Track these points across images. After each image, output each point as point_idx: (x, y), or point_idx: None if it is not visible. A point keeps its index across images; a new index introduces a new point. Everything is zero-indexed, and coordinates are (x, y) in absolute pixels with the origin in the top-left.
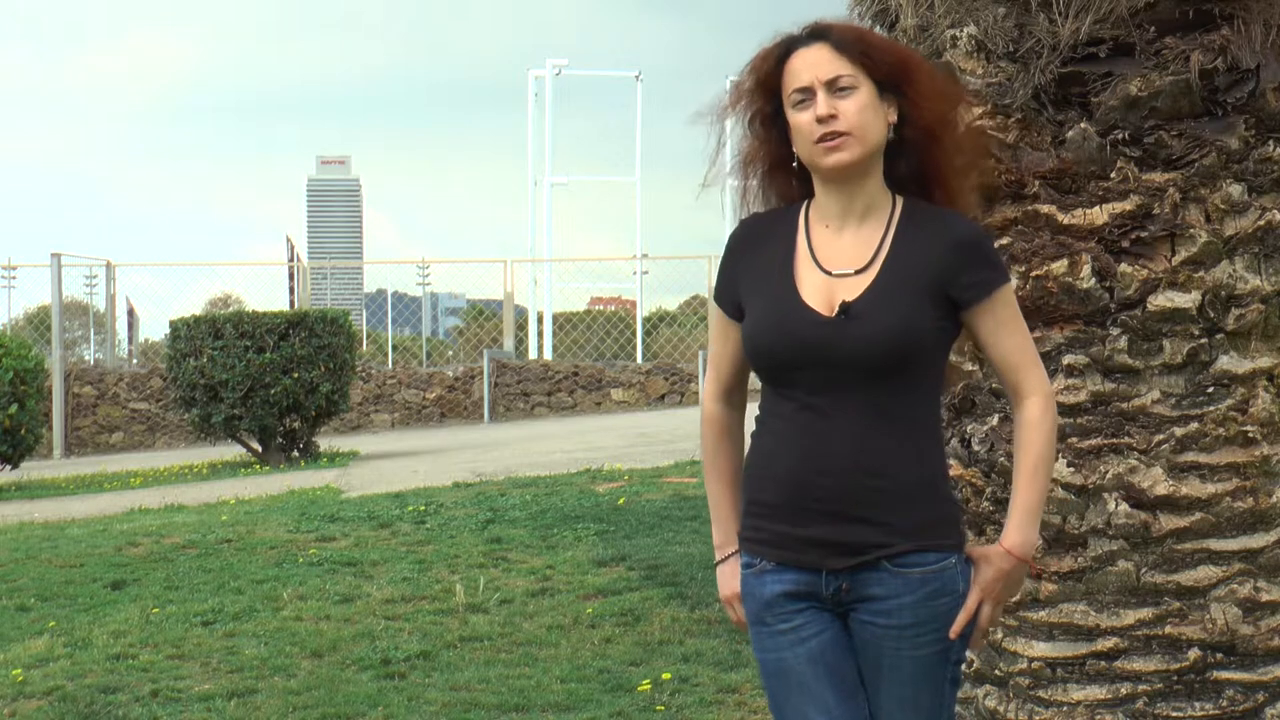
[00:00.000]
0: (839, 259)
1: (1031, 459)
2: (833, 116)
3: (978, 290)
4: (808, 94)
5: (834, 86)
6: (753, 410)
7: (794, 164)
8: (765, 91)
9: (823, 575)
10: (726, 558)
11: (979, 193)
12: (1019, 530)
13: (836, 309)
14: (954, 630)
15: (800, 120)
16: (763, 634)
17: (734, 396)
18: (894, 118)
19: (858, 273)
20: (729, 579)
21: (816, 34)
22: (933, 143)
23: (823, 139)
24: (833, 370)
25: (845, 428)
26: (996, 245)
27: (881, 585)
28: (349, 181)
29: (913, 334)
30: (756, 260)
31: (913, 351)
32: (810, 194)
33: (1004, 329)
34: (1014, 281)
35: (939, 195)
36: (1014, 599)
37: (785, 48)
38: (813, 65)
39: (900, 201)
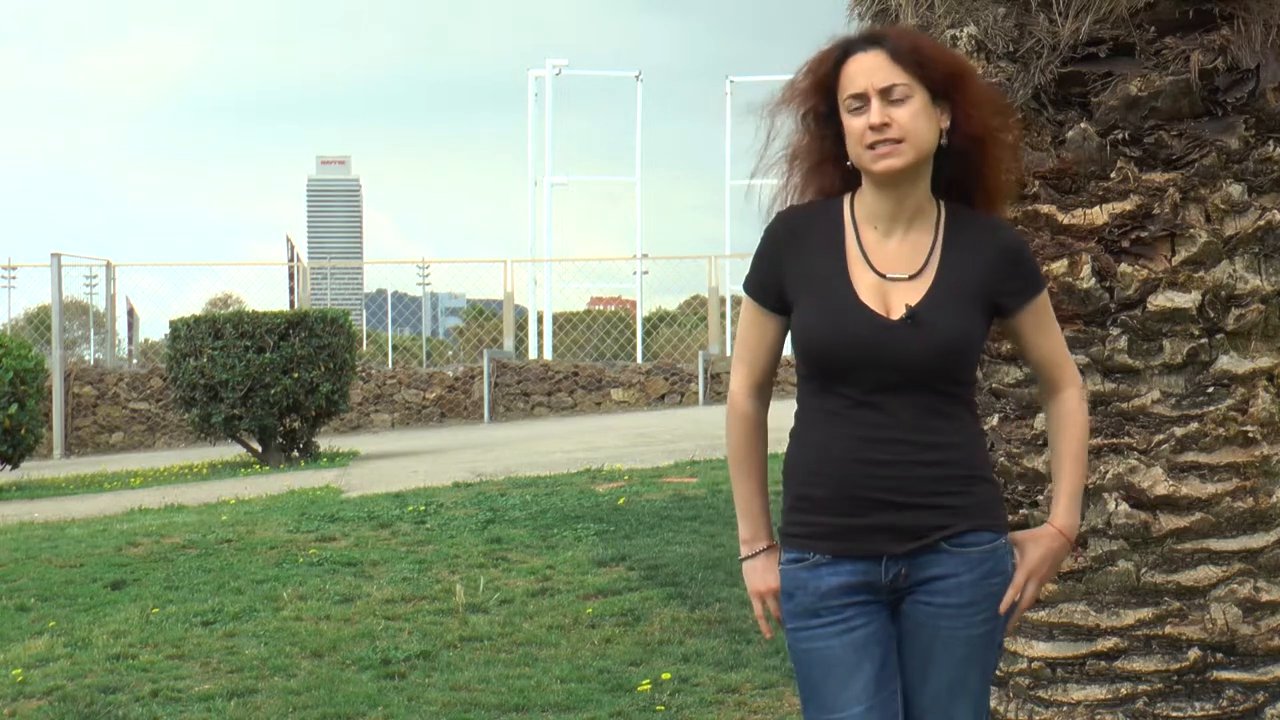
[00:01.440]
0: (891, 263)
1: (1075, 444)
2: (886, 125)
3: (1023, 297)
4: (863, 100)
5: (888, 95)
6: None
7: (846, 162)
8: (821, 91)
9: (882, 562)
10: (758, 553)
11: (1014, 196)
12: (1067, 512)
13: (902, 313)
14: (1003, 606)
15: (855, 125)
16: (812, 624)
17: (764, 392)
18: (946, 123)
19: (911, 278)
20: (761, 574)
21: (873, 40)
22: (979, 151)
23: (875, 145)
24: (893, 371)
25: (902, 421)
26: None
27: (940, 565)
28: (349, 181)
29: (969, 338)
30: (802, 254)
31: (966, 355)
32: (849, 190)
33: (1043, 330)
34: None
35: (979, 199)
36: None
37: (843, 51)
38: (868, 72)
39: (944, 207)
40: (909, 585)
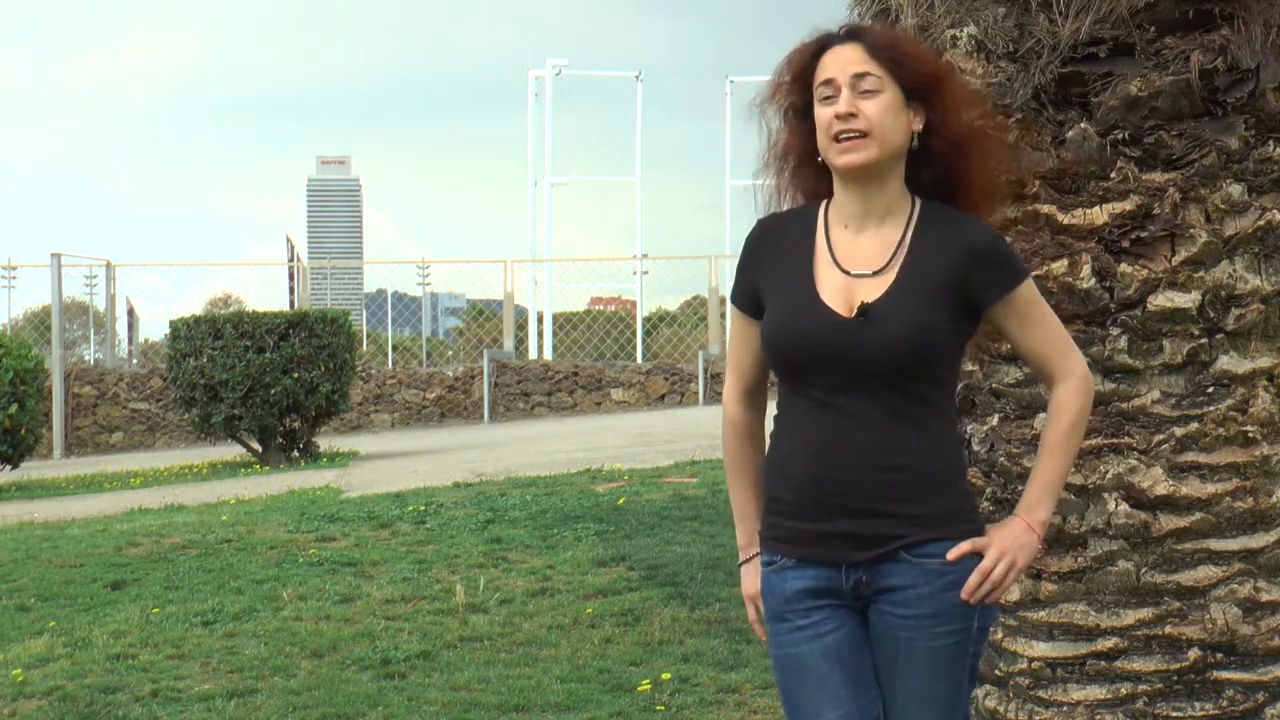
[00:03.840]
0: (857, 259)
1: (1055, 436)
2: (852, 115)
3: (995, 292)
4: (833, 88)
5: (859, 85)
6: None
7: (819, 159)
8: (799, 84)
9: (842, 569)
10: (750, 558)
11: (1000, 201)
12: (1033, 503)
13: (856, 310)
14: (965, 590)
15: (823, 114)
16: (781, 629)
17: (755, 397)
18: (919, 125)
19: (875, 274)
20: (752, 578)
21: (851, 34)
22: (958, 155)
23: (839, 136)
24: (851, 370)
25: (863, 424)
26: None
27: (899, 575)
28: (349, 181)
29: (929, 335)
30: (775, 259)
31: (929, 352)
32: (830, 190)
33: (1028, 323)
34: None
35: (962, 203)
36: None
37: (821, 44)
38: (842, 62)
39: (919, 203)
40: (871, 593)
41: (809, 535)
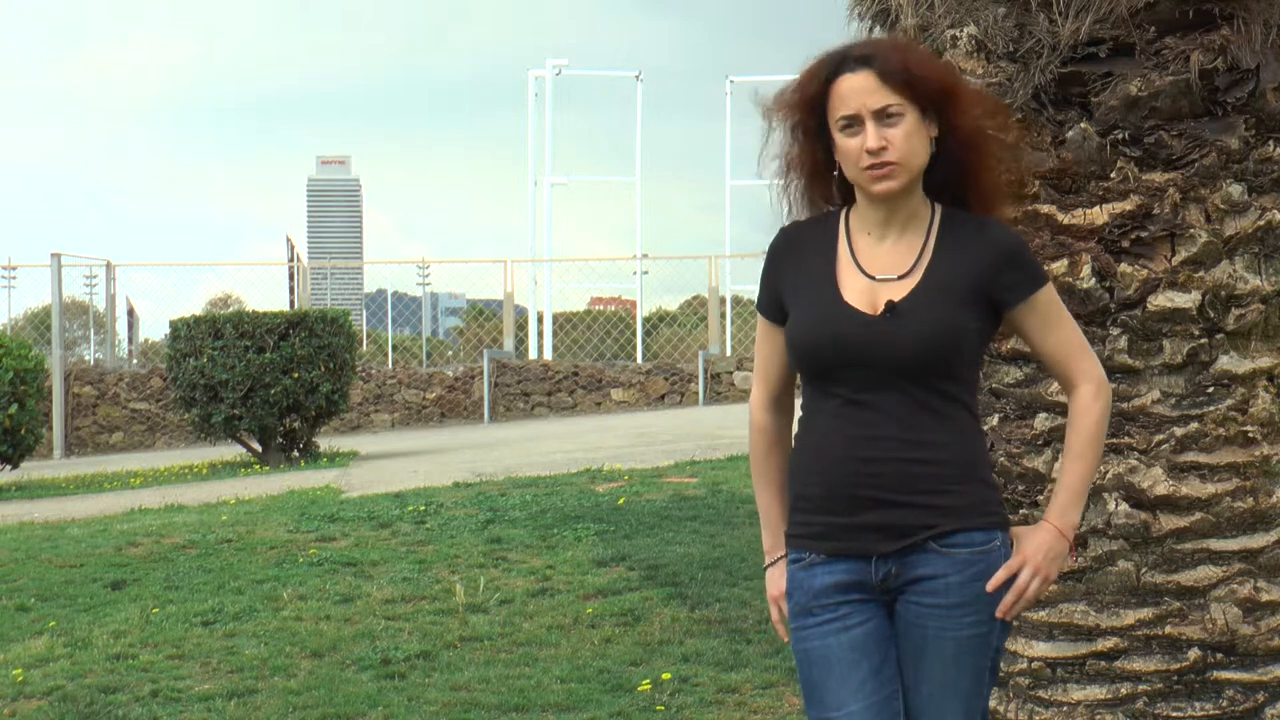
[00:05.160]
0: (882, 264)
1: (1080, 441)
2: (883, 148)
3: (1019, 293)
4: (855, 121)
5: (881, 116)
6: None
7: (835, 173)
8: (810, 108)
9: (872, 561)
10: (776, 561)
11: (1006, 198)
12: (1061, 508)
13: (882, 308)
14: (991, 584)
15: (849, 146)
16: (808, 623)
17: (782, 402)
18: (935, 132)
19: (901, 278)
20: (777, 580)
21: (863, 59)
22: (970, 155)
23: (871, 167)
24: (876, 368)
25: (890, 418)
26: None
27: (929, 565)
28: (349, 181)
29: (954, 334)
30: (799, 266)
31: (954, 349)
32: (850, 198)
33: (1048, 326)
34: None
35: (974, 199)
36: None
37: (832, 69)
38: (860, 93)
39: (939, 209)
40: (900, 585)
41: (839, 529)
